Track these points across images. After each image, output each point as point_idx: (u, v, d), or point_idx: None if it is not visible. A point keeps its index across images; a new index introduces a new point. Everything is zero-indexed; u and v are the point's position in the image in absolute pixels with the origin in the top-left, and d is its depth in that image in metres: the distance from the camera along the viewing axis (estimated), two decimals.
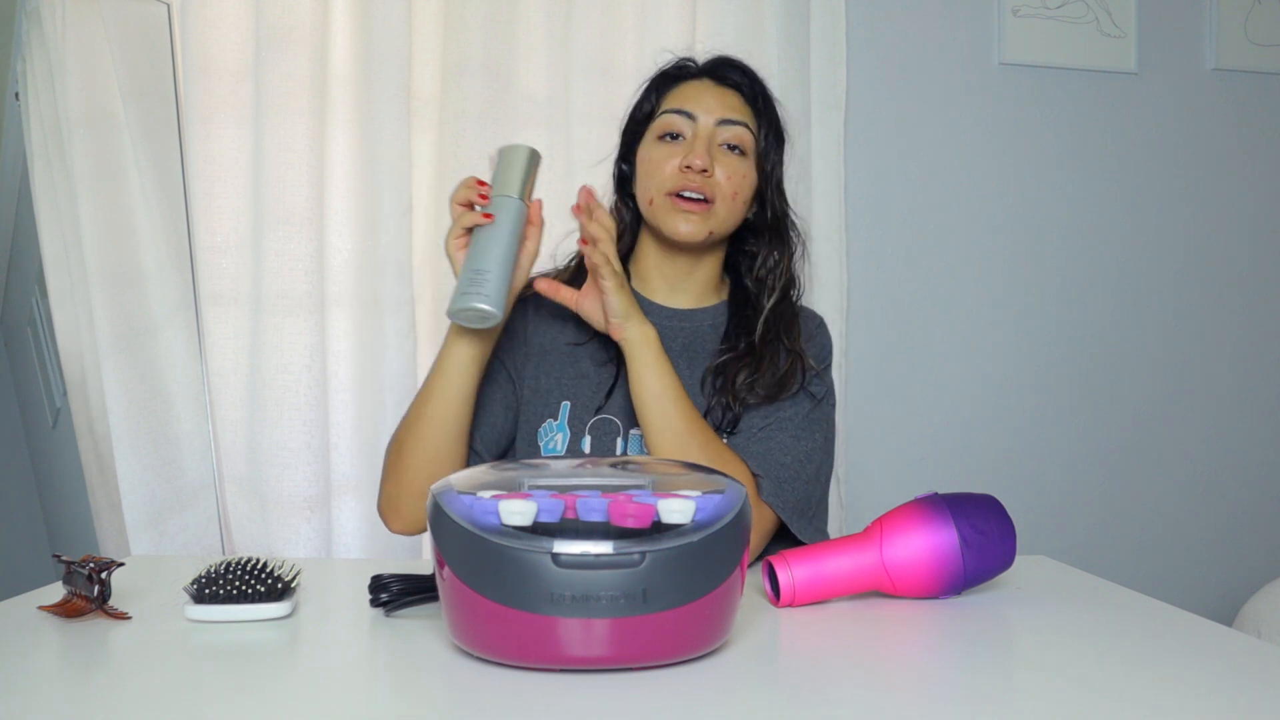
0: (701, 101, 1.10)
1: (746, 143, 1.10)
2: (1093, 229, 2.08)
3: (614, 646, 0.62)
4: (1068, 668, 0.66)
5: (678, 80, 1.13)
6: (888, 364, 2.00)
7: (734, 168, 1.09)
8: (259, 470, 1.69)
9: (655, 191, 1.09)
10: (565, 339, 1.13)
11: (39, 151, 1.71)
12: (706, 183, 1.07)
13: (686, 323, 1.14)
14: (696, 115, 1.09)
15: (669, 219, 1.08)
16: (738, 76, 1.13)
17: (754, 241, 1.15)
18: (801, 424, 1.08)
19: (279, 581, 0.76)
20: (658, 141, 1.10)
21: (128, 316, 1.68)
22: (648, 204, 1.10)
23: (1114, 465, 2.09)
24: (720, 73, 1.13)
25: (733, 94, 1.11)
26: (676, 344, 1.12)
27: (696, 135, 1.08)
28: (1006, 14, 2.00)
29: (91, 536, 1.71)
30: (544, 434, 1.10)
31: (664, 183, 1.08)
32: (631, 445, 1.08)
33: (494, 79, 1.74)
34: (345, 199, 1.71)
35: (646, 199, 1.10)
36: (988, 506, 0.82)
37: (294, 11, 1.66)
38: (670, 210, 1.08)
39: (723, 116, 1.09)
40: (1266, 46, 2.11)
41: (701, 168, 1.06)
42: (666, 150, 1.09)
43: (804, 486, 1.05)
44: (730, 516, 0.65)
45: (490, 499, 0.64)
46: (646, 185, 1.10)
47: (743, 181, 1.09)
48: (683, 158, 1.07)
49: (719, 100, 1.10)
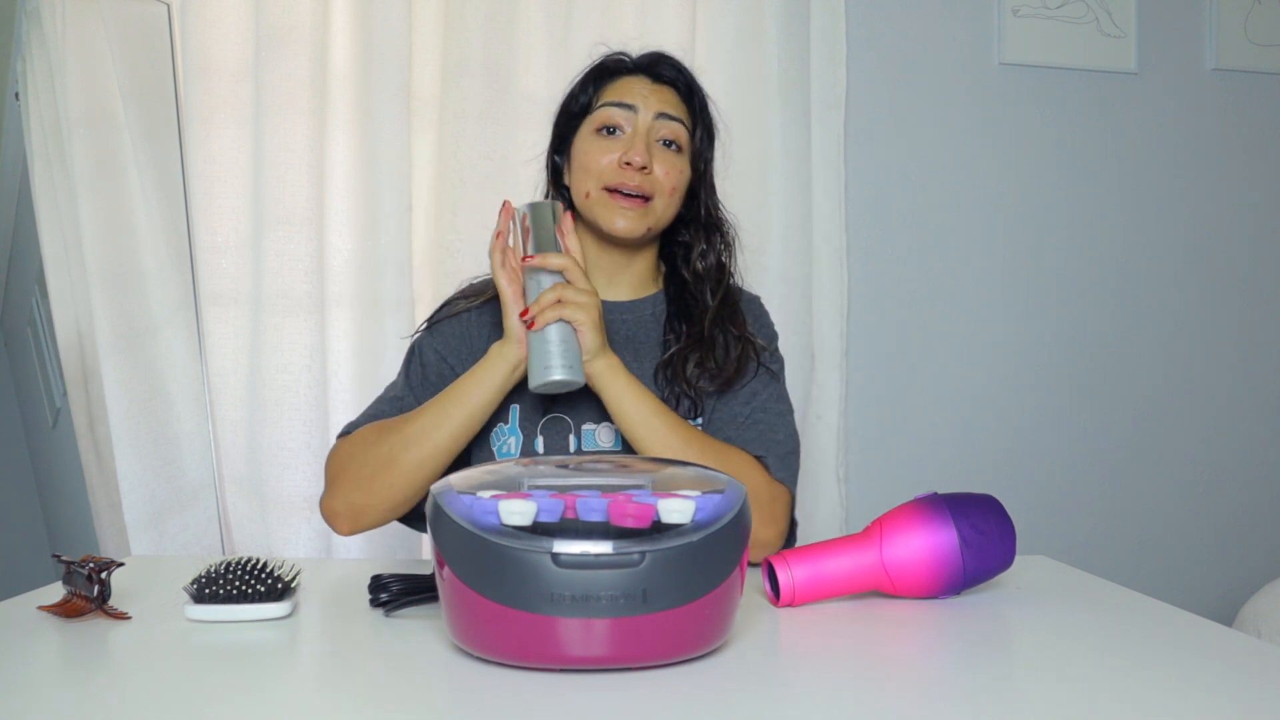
0: (639, 94, 1.10)
1: (682, 139, 1.11)
2: (1093, 229, 2.08)
3: (614, 646, 0.62)
4: (1068, 668, 0.66)
5: (614, 75, 1.14)
6: (888, 364, 2.00)
7: (671, 163, 1.10)
8: (259, 470, 1.69)
9: (593, 185, 1.09)
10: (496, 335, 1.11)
11: (39, 151, 1.71)
12: (645, 180, 1.08)
13: (629, 314, 1.15)
14: (636, 107, 1.09)
15: (607, 214, 1.09)
16: (673, 73, 1.13)
17: (687, 233, 1.17)
18: (777, 400, 1.13)
19: (279, 581, 0.76)
20: (595, 135, 1.10)
21: (128, 316, 1.68)
22: (584, 197, 1.11)
23: (1114, 465, 2.09)
24: (656, 69, 1.13)
25: (669, 90, 1.12)
26: (620, 335, 1.14)
27: (635, 130, 1.09)
28: (1006, 14, 2.00)
29: (91, 536, 1.71)
30: (496, 438, 1.10)
31: (602, 177, 1.08)
32: (586, 441, 1.09)
33: (494, 79, 1.74)
34: (345, 199, 1.71)
35: (583, 192, 1.11)
36: (988, 506, 0.82)
37: (294, 11, 1.66)
38: (608, 205, 1.09)
39: (661, 110, 1.10)
40: (1266, 46, 2.11)
41: (641, 164, 1.07)
42: (604, 144, 1.09)
43: (797, 459, 1.11)
44: (730, 516, 0.65)
45: (490, 499, 0.64)
46: (583, 179, 1.10)
47: (680, 177, 1.11)
48: (622, 153, 1.08)
49: (657, 95, 1.11)
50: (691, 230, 1.16)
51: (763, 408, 1.11)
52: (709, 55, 1.84)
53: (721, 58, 1.84)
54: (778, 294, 1.83)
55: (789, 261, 1.84)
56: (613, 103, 1.10)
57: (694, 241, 1.16)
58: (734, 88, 1.83)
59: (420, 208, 1.77)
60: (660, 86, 1.12)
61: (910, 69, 2.00)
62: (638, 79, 1.12)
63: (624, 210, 1.08)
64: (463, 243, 1.73)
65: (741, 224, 1.21)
